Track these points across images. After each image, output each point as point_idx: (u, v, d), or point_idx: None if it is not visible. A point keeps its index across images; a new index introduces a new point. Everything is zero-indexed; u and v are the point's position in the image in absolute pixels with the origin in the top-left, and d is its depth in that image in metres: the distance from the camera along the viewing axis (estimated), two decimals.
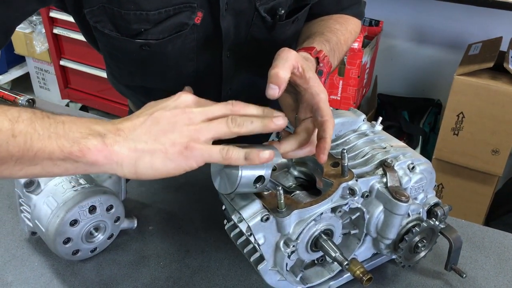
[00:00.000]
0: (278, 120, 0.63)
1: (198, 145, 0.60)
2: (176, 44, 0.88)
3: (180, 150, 0.59)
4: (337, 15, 1.03)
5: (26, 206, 0.83)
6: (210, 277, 0.83)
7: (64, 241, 0.79)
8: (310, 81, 0.72)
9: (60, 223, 0.77)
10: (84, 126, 0.59)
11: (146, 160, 0.59)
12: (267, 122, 0.63)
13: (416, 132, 2.36)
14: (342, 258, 0.71)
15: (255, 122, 0.62)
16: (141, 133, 0.60)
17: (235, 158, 0.61)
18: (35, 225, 0.82)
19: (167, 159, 0.59)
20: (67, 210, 0.77)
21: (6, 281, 0.81)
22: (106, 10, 0.82)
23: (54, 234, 0.78)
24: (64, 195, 0.79)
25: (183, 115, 0.61)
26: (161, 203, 0.98)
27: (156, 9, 0.82)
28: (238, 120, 0.62)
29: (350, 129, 0.84)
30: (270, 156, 0.61)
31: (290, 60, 0.70)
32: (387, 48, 2.50)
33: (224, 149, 0.61)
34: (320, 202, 0.70)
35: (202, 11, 0.85)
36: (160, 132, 0.60)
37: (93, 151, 0.57)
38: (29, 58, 3.07)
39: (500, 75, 1.89)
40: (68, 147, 0.57)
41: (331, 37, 0.91)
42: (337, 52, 0.91)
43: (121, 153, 0.58)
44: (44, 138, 0.57)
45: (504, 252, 0.90)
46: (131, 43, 0.86)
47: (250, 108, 0.65)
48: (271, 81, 0.68)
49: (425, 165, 0.78)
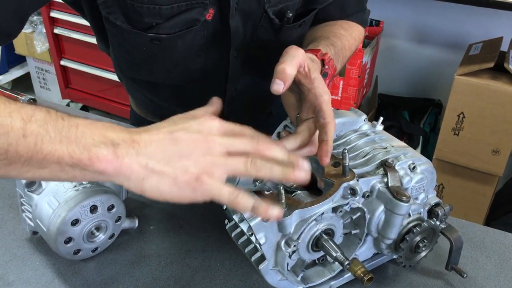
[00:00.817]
0: (299, 173, 0.59)
1: (210, 180, 0.57)
2: (186, 39, 0.88)
3: (189, 180, 0.56)
4: (342, 21, 1.03)
5: (27, 205, 0.83)
6: (211, 276, 0.83)
7: (66, 240, 0.79)
8: (315, 81, 0.72)
9: (62, 223, 0.77)
10: (98, 132, 0.55)
11: (153, 181, 0.56)
12: (287, 173, 0.59)
13: (417, 132, 2.36)
14: (343, 258, 0.71)
15: (275, 170, 0.58)
16: (156, 150, 0.56)
17: (242, 207, 0.58)
18: (37, 225, 0.82)
19: (174, 185, 0.56)
20: (68, 209, 0.77)
21: (8, 281, 0.81)
22: (119, 2, 0.82)
23: (56, 234, 0.78)
24: (65, 194, 0.79)
25: (203, 143, 0.57)
26: (162, 203, 0.98)
27: (169, 4, 0.82)
28: (258, 164, 0.58)
29: (351, 129, 0.84)
30: (278, 215, 0.59)
31: (298, 57, 0.70)
32: (387, 48, 2.51)
33: (234, 193, 0.57)
34: (321, 202, 0.70)
35: (213, 8, 0.86)
36: (175, 155, 0.56)
37: (102, 161, 0.54)
38: (30, 58, 3.07)
39: (501, 75, 1.89)
40: (78, 154, 0.54)
41: (336, 42, 0.91)
42: (341, 56, 0.92)
43: (130, 167, 0.55)
44: (55, 142, 0.54)
45: (505, 252, 0.90)
46: (142, 36, 0.86)
47: (275, 151, 0.61)
48: (277, 76, 0.68)
49: (426, 165, 0.79)
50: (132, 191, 0.58)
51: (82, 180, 0.56)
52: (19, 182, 0.81)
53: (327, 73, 0.81)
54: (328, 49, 0.86)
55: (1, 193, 1.00)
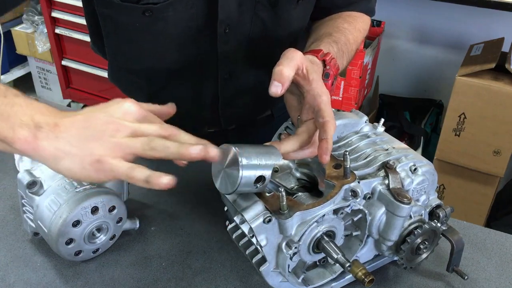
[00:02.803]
0: (194, 149, 0.60)
1: (110, 160, 0.60)
2: (177, 9, 0.88)
3: (92, 162, 0.60)
4: (346, 13, 1.02)
5: (28, 207, 0.84)
6: (212, 278, 0.83)
7: (67, 241, 0.79)
8: (313, 82, 0.72)
9: (63, 224, 0.77)
10: (29, 113, 0.61)
11: (66, 162, 0.61)
12: (182, 150, 0.61)
13: (418, 133, 2.36)
14: (344, 259, 0.71)
15: (170, 149, 0.61)
16: (73, 134, 0.61)
17: (137, 179, 0.60)
18: (38, 226, 0.82)
19: (82, 167, 0.61)
20: (69, 211, 0.77)
21: (9, 282, 0.82)
22: None
23: (57, 235, 0.78)
24: (66, 196, 0.79)
25: (113, 125, 0.61)
26: (163, 204, 0.99)
27: None
28: (154, 144, 0.61)
29: (352, 130, 0.84)
30: (169, 182, 0.60)
31: (295, 60, 0.70)
32: (388, 49, 2.50)
33: (131, 167, 0.60)
34: (322, 203, 0.70)
35: None
36: (87, 138, 0.61)
37: (22, 142, 0.60)
38: (31, 58, 3.07)
39: (502, 76, 1.89)
40: (5, 131, 0.60)
41: (339, 37, 0.91)
42: (346, 52, 0.91)
43: (47, 149, 0.60)
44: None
45: (506, 254, 0.90)
46: (134, 9, 0.87)
47: (183, 135, 0.65)
48: (275, 78, 0.69)
49: (427, 167, 0.79)
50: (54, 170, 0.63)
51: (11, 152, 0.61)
52: (21, 183, 0.81)
53: (328, 73, 0.81)
54: (331, 47, 0.86)
55: (2, 194, 1.00)
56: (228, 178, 0.67)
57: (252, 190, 0.68)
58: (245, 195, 0.72)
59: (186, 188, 1.03)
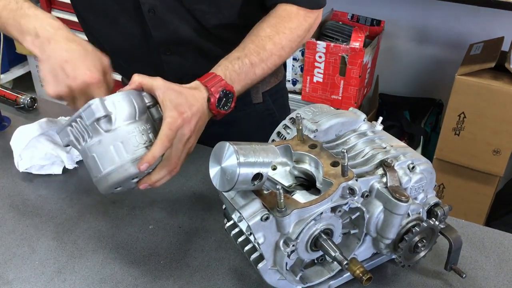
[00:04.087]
0: None
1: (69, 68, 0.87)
2: None
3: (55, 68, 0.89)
4: (282, 8, 1.01)
5: (85, 133, 0.79)
6: (210, 276, 0.83)
7: (116, 187, 0.80)
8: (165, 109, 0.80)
9: (126, 177, 0.77)
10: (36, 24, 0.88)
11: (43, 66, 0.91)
12: None
13: (417, 132, 2.36)
14: (341, 257, 0.71)
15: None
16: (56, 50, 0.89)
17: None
18: (90, 157, 0.79)
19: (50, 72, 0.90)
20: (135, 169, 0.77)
21: (7, 280, 0.82)
22: None
23: (115, 182, 0.78)
24: (136, 150, 0.77)
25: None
26: (162, 203, 0.99)
27: None
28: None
29: (350, 129, 0.84)
30: None
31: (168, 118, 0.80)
32: (388, 48, 2.50)
33: None
34: (320, 201, 0.70)
35: None
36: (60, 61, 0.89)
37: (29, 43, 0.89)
38: (31, 57, 3.08)
39: (502, 75, 1.89)
40: (18, 34, 0.91)
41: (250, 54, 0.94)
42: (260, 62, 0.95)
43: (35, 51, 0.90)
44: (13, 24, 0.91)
45: (504, 253, 0.90)
46: None
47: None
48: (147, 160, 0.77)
49: (425, 165, 0.79)
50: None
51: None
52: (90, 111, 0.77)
53: (209, 98, 0.87)
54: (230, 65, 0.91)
55: (1, 192, 1.00)
56: (226, 175, 0.67)
57: (250, 188, 0.68)
58: (242, 193, 0.72)
59: (184, 186, 1.03)
